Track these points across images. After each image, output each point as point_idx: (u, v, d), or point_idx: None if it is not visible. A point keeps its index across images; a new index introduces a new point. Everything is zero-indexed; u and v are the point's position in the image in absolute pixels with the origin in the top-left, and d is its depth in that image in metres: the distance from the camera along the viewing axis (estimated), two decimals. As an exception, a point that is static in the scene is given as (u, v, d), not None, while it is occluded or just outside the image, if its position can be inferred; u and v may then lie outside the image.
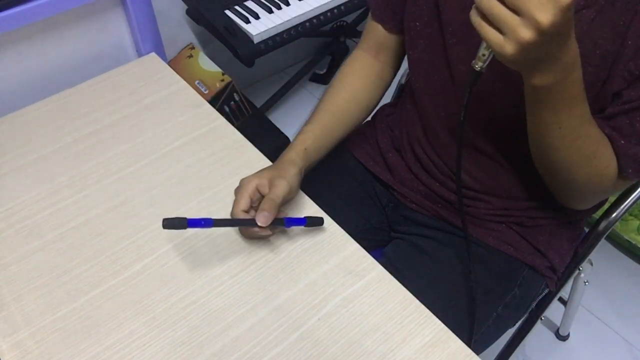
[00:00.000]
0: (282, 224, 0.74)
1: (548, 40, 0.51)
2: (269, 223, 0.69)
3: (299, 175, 0.77)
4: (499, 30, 0.51)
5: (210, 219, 0.69)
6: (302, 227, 0.77)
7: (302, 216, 0.77)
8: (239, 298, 0.70)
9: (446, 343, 0.67)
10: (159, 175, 0.85)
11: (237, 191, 0.73)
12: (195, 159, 0.87)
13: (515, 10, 0.49)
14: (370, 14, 0.89)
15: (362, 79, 0.90)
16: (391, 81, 0.94)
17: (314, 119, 0.85)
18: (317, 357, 0.65)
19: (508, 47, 0.51)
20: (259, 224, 0.69)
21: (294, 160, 0.78)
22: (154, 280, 0.72)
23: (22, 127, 0.93)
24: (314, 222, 0.76)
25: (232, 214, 0.72)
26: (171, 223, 0.66)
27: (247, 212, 0.72)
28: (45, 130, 0.92)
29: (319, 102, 0.88)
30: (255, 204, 0.73)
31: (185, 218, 0.66)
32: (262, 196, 0.72)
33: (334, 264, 0.74)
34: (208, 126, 0.92)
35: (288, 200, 0.75)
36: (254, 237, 0.76)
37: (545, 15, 0.48)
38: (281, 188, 0.72)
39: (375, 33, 0.88)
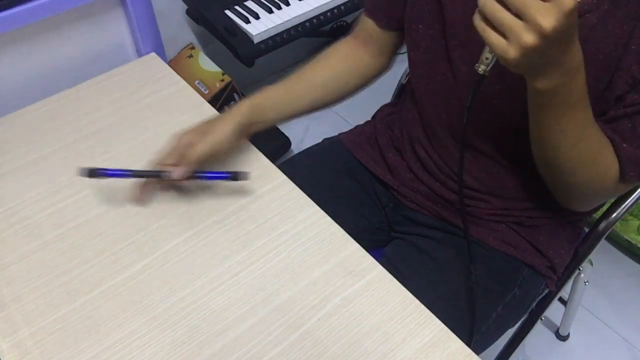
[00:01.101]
0: (201, 178, 0.78)
1: (551, 45, 0.51)
2: (181, 178, 0.75)
3: (237, 130, 0.79)
4: (502, 34, 0.51)
5: (130, 170, 0.77)
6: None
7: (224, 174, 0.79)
8: (239, 298, 0.70)
9: (446, 343, 0.67)
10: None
11: (169, 144, 0.77)
12: (195, 159, 0.87)
13: (519, 15, 0.49)
14: (364, 8, 0.89)
15: (344, 62, 0.90)
16: (375, 77, 0.94)
17: (282, 82, 0.86)
18: (317, 357, 0.65)
19: (511, 52, 0.51)
20: (172, 177, 0.75)
21: (235, 114, 0.80)
22: (154, 280, 0.72)
23: (22, 127, 0.93)
24: (235, 177, 0.78)
25: (153, 162, 0.77)
26: (86, 172, 0.75)
27: (172, 165, 0.76)
28: (45, 130, 0.92)
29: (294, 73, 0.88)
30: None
31: (97, 169, 0.76)
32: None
33: (334, 264, 0.74)
34: (208, 126, 0.92)
35: (217, 156, 0.79)
36: (146, 192, 0.80)
37: (548, 20, 0.48)
38: (204, 145, 0.76)
39: (366, 26, 0.89)
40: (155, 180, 0.79)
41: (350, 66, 0.90)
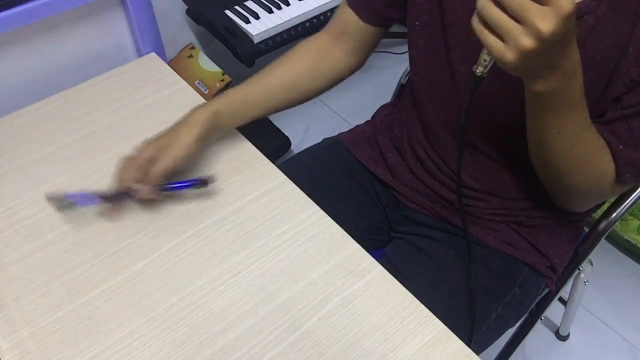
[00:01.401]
0: (168, 189, 0.78)
1: (549, 48, 0.50)
2: (146, 197, 0.75)
3: (197, 141, 0.78)
4: (500, 37, 0.51)
5: (93, 194, 0.76)
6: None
7: (191, 181, 0.79)
8: (239, 298, 0.70)
9: (446, 343, 0.67)
10: (159, 175, 0.85)
11: (128, 160, 0.76)
12: (195, 159, 0.87)
13: (517, 18, 0.49)
14: None
15: (310, 60, 0.87)
16: (345, 75, 0.91)
17: (241, 85, 0.85)
18: (317, 357, 0.65)
19: (508, 54, 0.51)
20: (137, 195, 0.75)
21: (196, 122, 0.79)
22: (154, 280, 0.72)
23: (22, 127, 0.93)
24: (202, 183, 0.79)
25: (117, 181, 0.76)
26: (55, 198, 0.75)
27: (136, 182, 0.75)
28: (45, 130, 0.92)
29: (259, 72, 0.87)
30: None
31: (65, 194, 0.75)
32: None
33: (334, 264, 0.74)
34: (208, 126, 0.92)
35: (181, 168, 0.78)
36: (114, 212, 0.79)
37: (546, 24, 0.48)
38: (165, 162, 0.75)
39: (344, 18, 0.86)
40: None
41: (316, 64, 0.87)
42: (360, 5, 0.83)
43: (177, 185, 0.79)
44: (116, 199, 0.78)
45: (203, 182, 0.79)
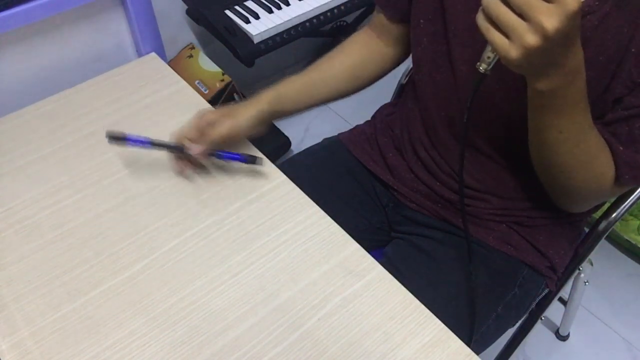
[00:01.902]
0: (218, 157, 0.81)
1: (553, 46, 0.50)
2: (196, 153, 0.78)
3: (258, 117, 0.82)
4: (505, 34, 0.51)
5: (148, 139, 0.79)
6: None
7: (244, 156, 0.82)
8: (239, 298, 0.70)
9: (446, 343, 0.67)
10: (159, 175, 0.85)
11: (192, 120, 0.80)
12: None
13: (522, 15, 0.49)
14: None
15: (362, 51, 0.91)
16: (392, 65, 0.94)
17: (302, 73, 0.88)
18: (317, 357, 0.65)
19: (513, 52, 0.51)
20: (188, 151, 0.78)
21: (259, 101, 0.83)
22: (154, 280, 0.72)
23: (22, 127, 0.93)
24: (251, 160, 0.81)
25: (175, 135, 0.80)
26: (114, 135, 0.78)
27: (191, 140, 0.79)
28: (45, 130, 0.92)
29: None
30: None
31: (125, 133, 0.79)
32: None
33: (334, 264, 0.74)
34: (208, 126, 0.92)
35: (235, 139, 0.81)
36: (185, 167, 0.83)
37: (551, 22, 0.48)
38: (224, 127, 0.79)
39: (379, 18, 0.90)
40: (176, 161, 0.83)
41: (368, 55, 0.91)
42: (384, 7, 0.87)
43: (228, 155, 0.81)
44: (169, 150, 0.82)
45: (252, 159, 0.81)
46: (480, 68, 0.57)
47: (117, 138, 0.79)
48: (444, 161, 0.85)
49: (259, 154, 0.85)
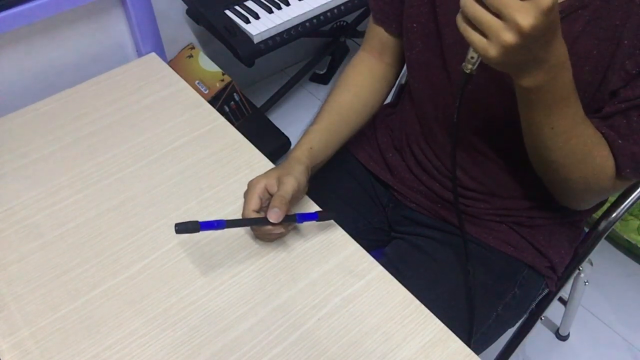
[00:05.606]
0: (294, 220, 0.73)
1: (531, 42, 0.51)
2: (280, 219, 0.68)
3: (306, 173, 0.76)
4: (483, 33, 0.52)
5: (222, 221, 0.68)
6: (314, 222, 0.76)
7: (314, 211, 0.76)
8: (239, 298, 0.70)
9: (446, 343, 0.67)
10: (159, 175, 0.85)
11: (246, 193, 0.73)
12: (195, 159, 0.87)
13: (498, 14, 0.50)
14: (371, 16, 0.89)
15: (367, 79, 0.89)
16: (395, 82, 0.94)
17: (319, 119, 0.85)
18: (317, 357, 0.65)
19: (492, 50, 0.52)
20: (270, 220, 0.68)
21: (300, 158, 0.77)
22: (154, 280, 0.72)
23: (22, 127, 0.93)
24: (325, 217, 0.76)
25: (243, 215, 0.72)
26: (184, 227, 0.65)
27: (257, 212, 0.71)
28: (45, 130, 0.92)
29: (324, 103, 0.88)
30: (265, 205, 0.72)
31: (197, 222, 0.65)
32: (271, 196, 0.71)
33: (334, 264, 0.74)
34: (208, 126, 0.92)
35: (297, 197, 0.74)
36: (268, 238, 0.75)
37: (526, 19, 0.48)
38: (290, 184, 0.71)
39: (378, 35, 0.88)
40: (255, 231, 0.76)
41: (373, 81, 0.89)
42: (384, 21, 0.86)
43: (307, 216, 0.74)
44: (249, 225, 0.74)
45: (331, 215, 0.77)
46: (466, 69, 0.58)
47: (188, 229, 0.66)
48: (440, 162, 0.85)
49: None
